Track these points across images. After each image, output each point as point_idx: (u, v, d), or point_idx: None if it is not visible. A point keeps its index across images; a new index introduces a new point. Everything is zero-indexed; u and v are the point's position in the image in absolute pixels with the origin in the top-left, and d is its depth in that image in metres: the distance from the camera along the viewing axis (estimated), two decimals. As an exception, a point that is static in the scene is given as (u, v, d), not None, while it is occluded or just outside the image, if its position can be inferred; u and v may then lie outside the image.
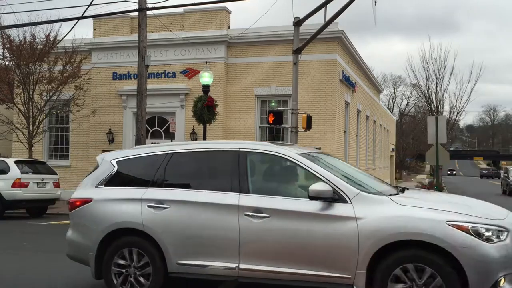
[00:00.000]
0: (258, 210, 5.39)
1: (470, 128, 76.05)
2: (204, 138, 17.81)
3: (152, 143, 22.13)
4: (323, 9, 14.88)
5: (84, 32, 57.81)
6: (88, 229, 6.08)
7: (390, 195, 5.43)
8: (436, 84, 44.00)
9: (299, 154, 5.70)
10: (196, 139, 21.29)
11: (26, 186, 16.04)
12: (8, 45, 20.76)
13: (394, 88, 68.43)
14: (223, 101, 21.19)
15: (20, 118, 21.23)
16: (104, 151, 22.84)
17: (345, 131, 23.11)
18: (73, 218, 6.34)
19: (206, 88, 17.82)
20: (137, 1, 17.59)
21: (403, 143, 59.17)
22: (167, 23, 22.05)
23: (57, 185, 17.43)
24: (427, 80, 44.45)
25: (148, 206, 5.80)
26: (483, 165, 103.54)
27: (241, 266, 5.42)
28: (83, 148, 23.53)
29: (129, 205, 5.87)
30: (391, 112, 55.94)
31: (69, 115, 23.49)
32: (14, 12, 32.65)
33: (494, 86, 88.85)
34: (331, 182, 5.31)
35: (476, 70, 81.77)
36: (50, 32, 21.10)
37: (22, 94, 20.67)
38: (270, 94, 21.32)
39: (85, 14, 18.20)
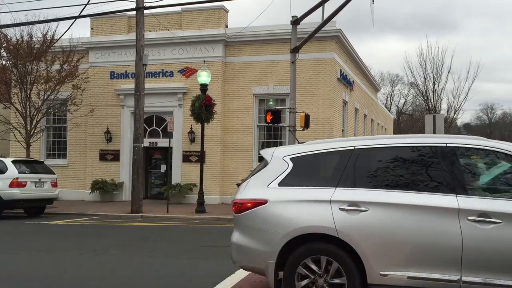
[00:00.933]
0: (484, 214, 4.70)
1: (467, 126, 76.02)
2: (202, 137, 17.79)
3: (150, 142, 22.12)
4: (321, 8, 14.87)
5: (81, 31, 57.73)
6: (265, 234, 5.33)
7: None
8: (434, 82, 44.00)
9: None
10: (194, 138, 21.29)
11: (24, 185, 16.00)
12: (5, 45, 20.70)
13: (392, 87, 68.27)
14: (221, 100, 21.18)
15: (17, 117, 21.17)
16: (102, 150, 23.04)
17: (343, 130, 23.11)
18: (243, 221, 5.55)
19: (204, 87, 17.80)
20: (135, 0, 17.57)
21: (401, 142, 58.80)
22: (164, 22, 22.02)
23: (55, 184, 17.38)
24: (425, 78, 44.44)
25: (340, 209, 5.08)
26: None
27: (464, 279, 4.71)
28: (81, 148, 23.49)
29: (316, 208, 5.17)
30: (389, 111, 55.96)
31: (66, 114, 23.45)
32: (10, 12, 32.68)
33: (492, 84, 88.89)
34: None
35: (474, 68, 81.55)
36: (47, 31, 21.09)
37: (19, 93, 20.61)
38: (268, 93, 21.32)
39: (83, 13, 18.17)
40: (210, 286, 6.61)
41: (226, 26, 22.06)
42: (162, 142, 21.95)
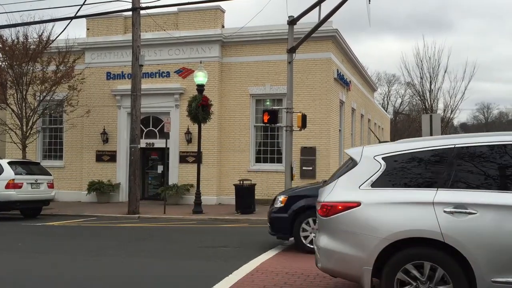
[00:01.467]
0: None
1: (464, 126, 76.22)
2: (199, 138, 17.75)
3: (147, 143, 22.06)
4: (317, 8, 14.87)
5: (77, 32, 57.47)
6: (360, 239, 5.06)
7: None
8: (430, 82, 44.07)
9: None
10: (191, 139, 21.26)
11: (20, 187, 15.95)
12: (0, 45, 20.62)
13: (389, 87, 68.32)
14: (218, 100, 21.15)
15: (13, 118, 21.11)
16: (98, 151, 22.98)
17: (340, 130, 23.13)
18: (333, 224, 5.29)
19: (200, 88, 17.76)
20: (131, 1, 17.54)
21: (398, 142, 58.82)
22: (161, 22, 21.98)
23: (51, 186, 17.32)
24: (421, 78, 44.49)
25: (445, 212, 4.77)
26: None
27: None
28: (77, 149, 23.42)
29: (417, 210, 4.88)
30: (386, 111, 56.06)
31: (62, 115, 23.38)
32: (6, 12, 32.54)
33: (488, 84, 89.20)
34: None
35: (470, 68, 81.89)
36: (43, 32, 21.00)
37: (15, 94, 20.54)
38: (264, 93, 21.30)
39: (78, 14, 18.14)
40: (209, 286, 6.60)
41: (223, 27, 22.04)
42: (159, 143, 21.91)
